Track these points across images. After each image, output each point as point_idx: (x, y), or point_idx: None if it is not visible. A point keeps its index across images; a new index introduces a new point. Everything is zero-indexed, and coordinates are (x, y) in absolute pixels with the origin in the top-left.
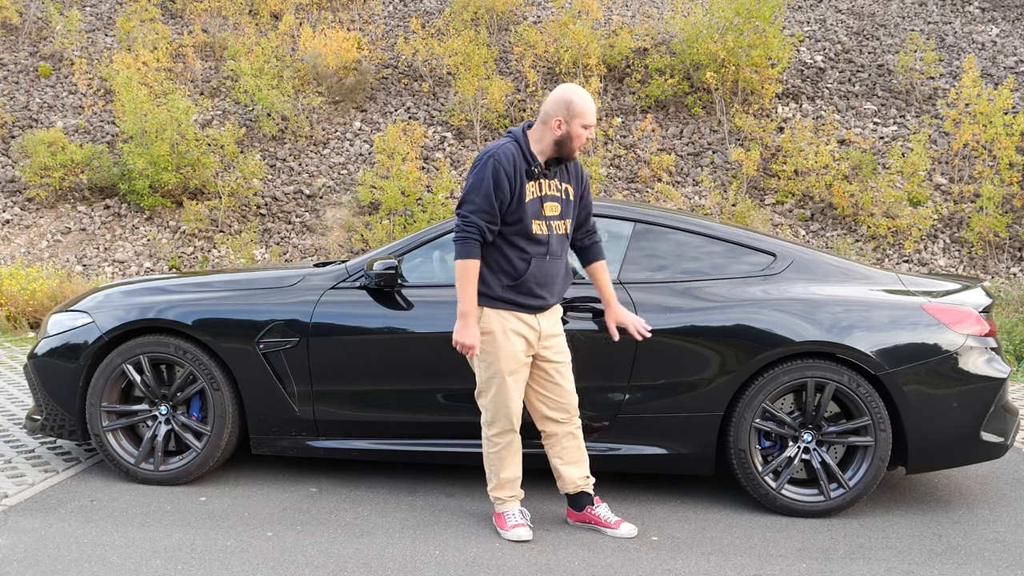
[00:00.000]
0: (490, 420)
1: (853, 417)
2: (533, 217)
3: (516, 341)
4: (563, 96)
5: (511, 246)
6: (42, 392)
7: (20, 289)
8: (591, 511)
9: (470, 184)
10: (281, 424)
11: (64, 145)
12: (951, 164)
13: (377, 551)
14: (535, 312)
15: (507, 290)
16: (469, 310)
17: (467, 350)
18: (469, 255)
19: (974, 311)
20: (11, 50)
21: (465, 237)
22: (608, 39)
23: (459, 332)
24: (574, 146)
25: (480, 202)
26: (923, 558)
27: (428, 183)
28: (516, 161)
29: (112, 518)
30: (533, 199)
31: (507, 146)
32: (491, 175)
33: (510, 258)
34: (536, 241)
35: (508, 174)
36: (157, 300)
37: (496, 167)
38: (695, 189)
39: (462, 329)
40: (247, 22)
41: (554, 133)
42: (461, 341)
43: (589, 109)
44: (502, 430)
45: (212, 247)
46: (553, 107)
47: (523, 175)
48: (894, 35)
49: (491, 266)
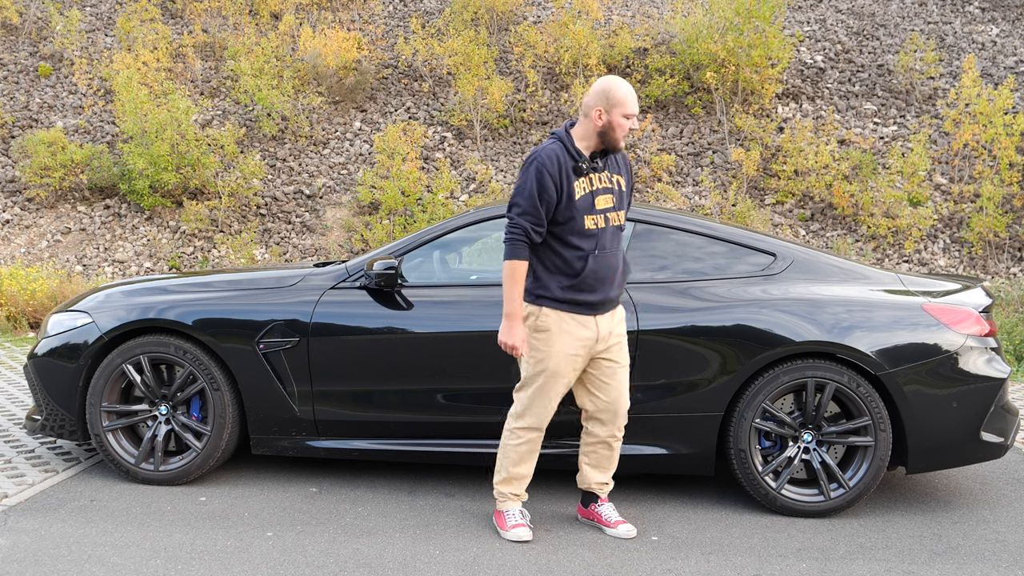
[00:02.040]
0: (521, 412)
1: (853, 417)
2: (585, 213)
3: (571, 344)
4: (602, 87)
5: (566, 245)
6: (42, 392)
7: (20, 289)
8: (595, 508)
9: (517, 187)
10: (281, 424)
11: (64, 145)
12: (951, 164)
13: (377, 551)
14: (594, 313)
15: (566, 290)
16: (514, 311)
17: (512, 351)
18: (516, 256)
19: (974, 311)
20: (11, 50)
21: (512, 239)
22: (608, 39)
23: (504, 332)
24: (617, 136)
25: (525, 204)
26: (923, 558)
27: (428, 183)
28: (561, 160)
29: (112, 518)
30: (584, 195)
31: (550, 147)
32: (535, 178)
33: (566, 258)
34: (590, 236)
35: (552, 175)
36: (157, 300)
37: (539, 169)
38: (695, 189)
39: (507, 329)
40: (247, 22)
41: (596, 124)
42: (506, 341)
43: (628, 98)
44: (529, 426)
45: (212, 247)
46: (593, 99)
47: (569, 173)
48: (894, 35)
49: (548, 267)
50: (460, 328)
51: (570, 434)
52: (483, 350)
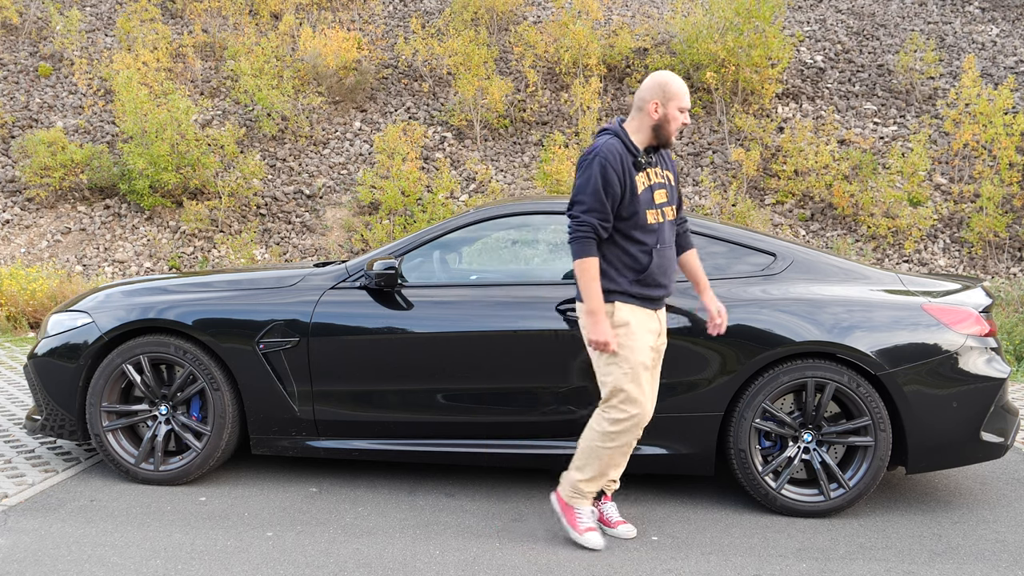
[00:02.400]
0: (621, 417)
1: (853, 417)
2: (647, 207)
3: (648, 336)
4: (658, 80)
5: (630, 240)
6: (42, 392)
7: (20, 289)
8: (598, 506)
9: (579, 184)
10: (281, 424)
11: (64, 145)
12: (951, 164)
13: (377, 551)
14: (655, 308)
15: (635, 284)
16: (597, 307)
17: (603, 347)
18: (588, 253)
19: (974, 311)
20: (11, 50)
21: (580, 236)
22: (608, 39)
23: (592, 330)
24: (671, 129)
25: (591, 201)
26: (923, 558)
27: (428, 183)
28: (622, 155)
29: (112, 518)
30: (645, 189)
31: (610, 142)
32: (599, 173)
33: (632, 253)
34: (652, 231)
35: (616, 170)
36: (157, 300)
37: (603, 164)
38: (695, 189)
39: (594, 326)
40: (247, 22)
41: (651, 118)
42: (596, 339)
43: (683, 91)
44: (632, 426)
45: (212, 247)
46: (648, 92)
47: (631, 168)
48: (894, 35)
49: (614, 263)
50: (460, 328)
51: (569, 434)
52: (483, 350)
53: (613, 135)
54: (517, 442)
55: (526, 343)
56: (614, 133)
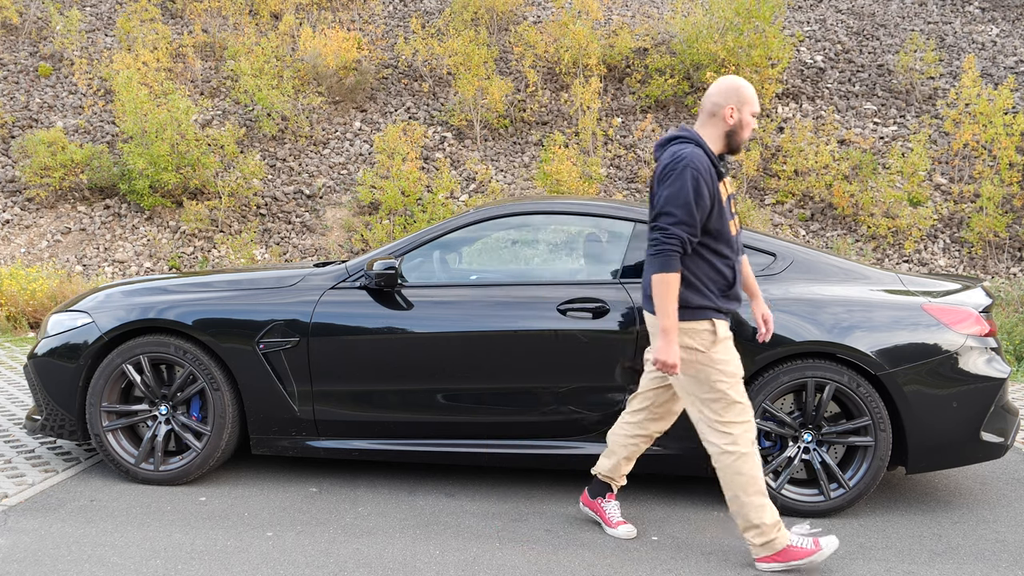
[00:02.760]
0: (735, 440)
1: (853, 417)
2: (729, 219)
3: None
4: (731, 84)
5: (715, 254)
6: (42, 392)
7: (20, 289)
8: (601, 502)
9: (667, 195)
10: (281, 424)
11: (64, 145)
12: (951, 164)
13: (377, 551)
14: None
15: (722, 299)
16: (672, 326)
17: (670, 369)
18: (672, 268)
19: (974, 311)
20: (11, 50)
21: (667, 250)
22: (608, 39)
23: (663, 350)
24: (744, 136)
25: (681, 214)
26: (923, 558)
27: (428, 183)
28: (709, 165)
29: (112, 518)
30: (726, 200)
31: (696, 151)
32: (691, 185)
33: (718, 267)
34: (731, 243)
35: (706, 181)
36: (157, 300)
37: (695, 176)
38: None
39: (668, 346)
40: (247, 22)
41: (726, 124)
42: (664, 360)
43: (755, 96)
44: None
45: (212, 247)
46: (723, 97)
47: (715, 178)
48: (894, 35)
49: (702, 279)
50: (460, 328)
51: (569, 434)
52: (483, 350)
53: (694, 143)
54: (517, 442)
55: (526, 343)
56: (694, 141)
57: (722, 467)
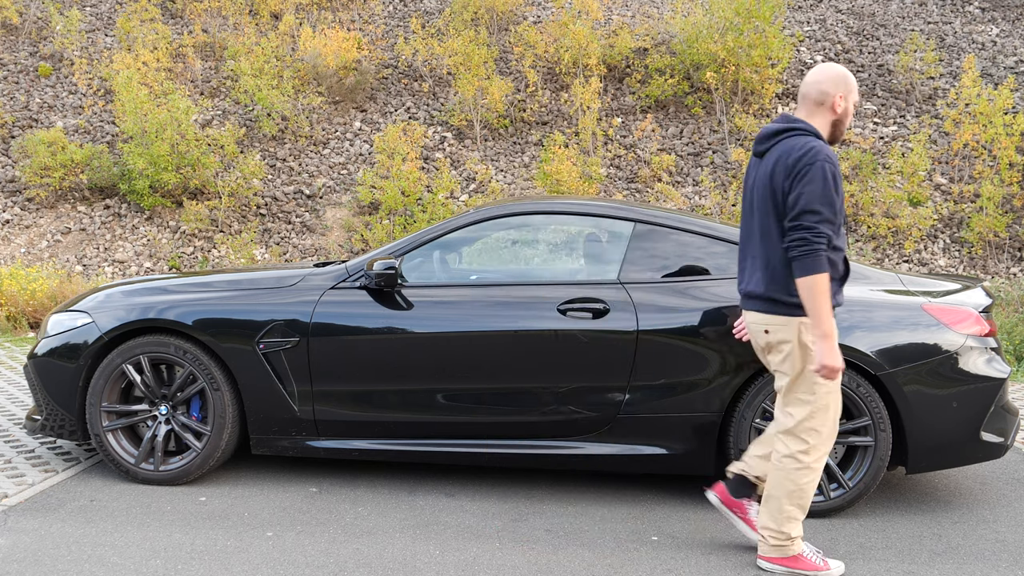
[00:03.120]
0: (817, 442)
1: (853, 417)
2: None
3: None
4: (839, 72)
5: (835, 249)
6: (42, 392)
7: (20, 289)
8: (747, 504)
9: (809, 192)
10: (281, 424)
11: (64, 145)
12: (951, 164)
13: (377, 551)
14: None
15: (836, 296)
16: (831, 329)
17: (835, 375)
18: (822, 268)
19: (974, 311)
20: (11, 50)
21: (815, 250)
22: (608, 39)
23: (827, 355)
24: (847, 125)
25: (826, 212)
26: (923, 558)
27: (428, 183)
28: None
29: (112, 518)
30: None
31: (820, 143)
32: (831, 180)
33: (835, 262)
34: (843, 235)
35: (839, 175)
36: (157, 300)
37: (833, 171)
38: (695, 189)
39: (829, 351)
40: (247, 22)
41: (834, 113)
42: (831, 365)
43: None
44: (825, 451)
45: (212, 247)
46: (831, 85)
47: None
48: (894, 35)
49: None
50: (460, 328)
51: (569, 434)
52: (483, 350)
53: (811, 135)
54: (517, 442)
55: (526, 343)
56: (813, 133)
57: (781, 468)
